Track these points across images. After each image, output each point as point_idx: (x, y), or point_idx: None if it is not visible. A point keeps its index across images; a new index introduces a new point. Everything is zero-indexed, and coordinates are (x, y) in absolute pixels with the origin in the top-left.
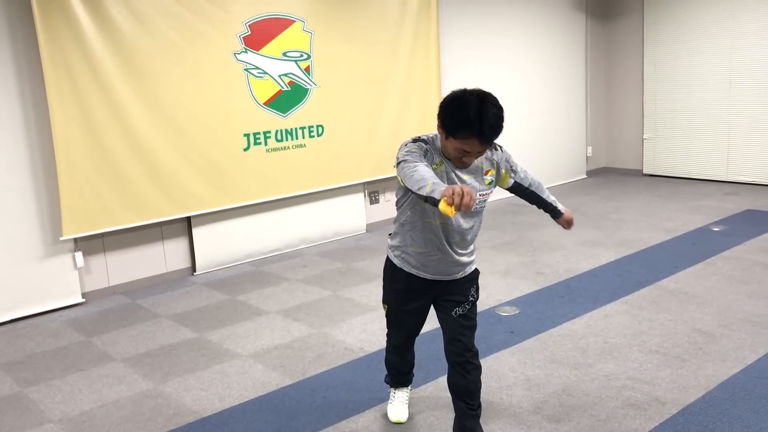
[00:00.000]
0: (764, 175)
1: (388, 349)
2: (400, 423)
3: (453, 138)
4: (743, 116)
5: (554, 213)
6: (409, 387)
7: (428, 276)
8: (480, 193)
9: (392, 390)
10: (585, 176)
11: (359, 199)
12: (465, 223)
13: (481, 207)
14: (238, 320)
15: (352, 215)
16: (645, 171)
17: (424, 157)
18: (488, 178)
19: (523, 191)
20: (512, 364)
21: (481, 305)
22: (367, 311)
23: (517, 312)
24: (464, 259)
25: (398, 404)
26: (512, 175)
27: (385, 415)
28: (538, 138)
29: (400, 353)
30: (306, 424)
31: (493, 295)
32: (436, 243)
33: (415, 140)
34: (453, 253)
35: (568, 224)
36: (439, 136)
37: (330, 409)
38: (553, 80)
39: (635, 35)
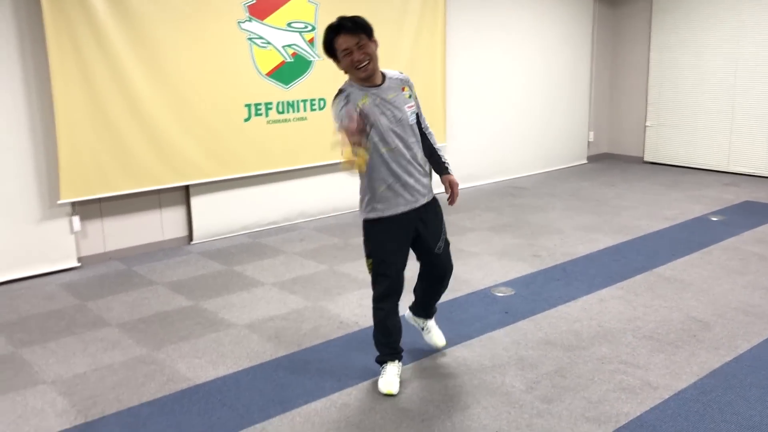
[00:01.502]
0: (764, 167)
1: (376, 316)
2: (392, 395)
3: (337, 53)
4: (747, 108)
5: (441, 168)
6: (400, 362)
7: (401, 209)
8: (407, 105)
9: (383, 365)
10: (586, 161)
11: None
12: (405, 137)
13: (413, 121)
14: (233, 290)
15: (350, 191)
16: (646, 158)
17: (347, 105)
18: (405, 93)
19: (420, 129)
20: (506, 344)
21: (477, 285)
22: (364, 287)
23: (513, 293)
24: (424, 180)
25: (389, 377)
26: (415, 104)
27: (377, 389)
28: (539, 121)
29: (390, 306)
30: (299, 395)
31: (489, 275)
32: (393, 168)
33: (336, 95)
34: (412, 173)
35: (452, 186)
36: (349, 81)
37: (324, 380)
38: (558, 64)
39: (643, 21)
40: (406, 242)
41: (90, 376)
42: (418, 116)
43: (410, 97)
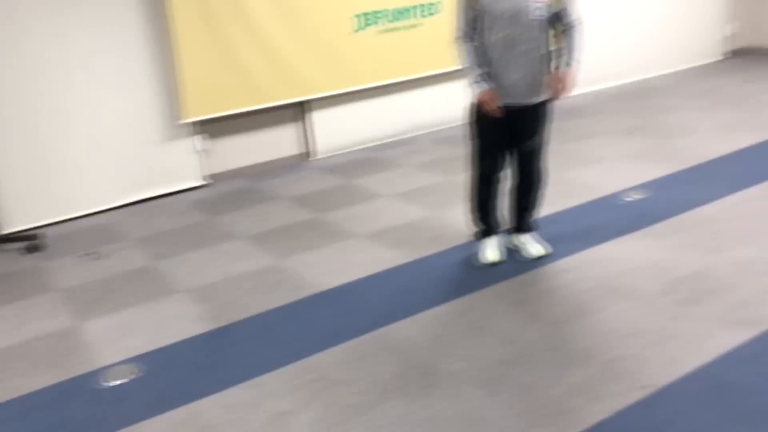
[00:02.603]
0: None
1: (476, 193)
2: (494, 263)
3: None
4: None
5: (560, 62)
6: (499, 233)
7: (502, 100)
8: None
9: (482, 240)
10: (722, 57)
11: None
12: (522, 30)
13: (539, 16)
14: (354, 202)
15: (468, 100)
16: None
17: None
18: None
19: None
20: (639, 248)
21: (608, 189)
22: None
23: (646, 196)
24: (536, 79)
25: (490, 247)
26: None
27: (502, 293)
28: (668, 14)
29: (493, 186)
30: (423, 300)
31: (619, 179)
32: (503, 58)
33: None
34: (521, 68)
35: (555, 83)
36: None
37: (447, 286)
38: None
39: None
40: (505, 129)
41: (222, 285)
42: (560, 13)
43: None
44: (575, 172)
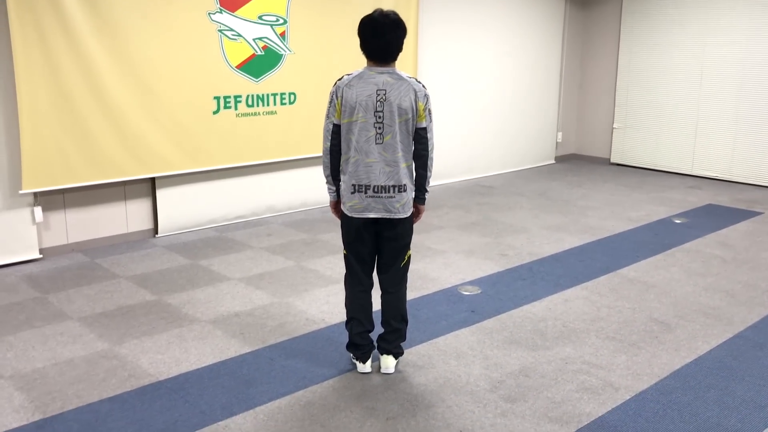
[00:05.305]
0: (727, 171)
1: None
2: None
3: None
4: (711, 112)
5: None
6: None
7: None
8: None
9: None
10: (554, 162)
11: None
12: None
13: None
14: (199, 285)
15: (320, 186)
16: (612, 160)
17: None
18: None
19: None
20: (472, 343)
21: (444, 283)
22: (331, 283)
23: (479, 292)
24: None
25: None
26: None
27: (343, 387)
28: (509, 120)
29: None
30: (263, 392)
31: (456, 273)
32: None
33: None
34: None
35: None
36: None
37: (288, 378)
38: (529, 64)
39: (612, 25)
40: None
41: (49, 371)
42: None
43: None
44: (418, 264)
